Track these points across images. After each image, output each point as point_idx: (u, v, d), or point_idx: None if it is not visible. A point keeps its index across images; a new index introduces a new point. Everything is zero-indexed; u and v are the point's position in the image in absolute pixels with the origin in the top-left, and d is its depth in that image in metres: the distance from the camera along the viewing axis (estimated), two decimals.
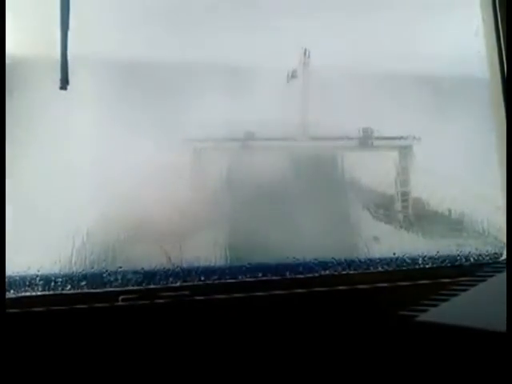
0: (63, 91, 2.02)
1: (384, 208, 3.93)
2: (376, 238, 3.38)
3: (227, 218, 3.12)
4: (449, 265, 2.11)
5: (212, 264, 2.16)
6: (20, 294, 1.90)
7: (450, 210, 3.49)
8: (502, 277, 1.39)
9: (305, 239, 3.32)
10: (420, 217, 3.68)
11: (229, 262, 2.30)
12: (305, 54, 4.18)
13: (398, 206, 3.91)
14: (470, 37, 2.15)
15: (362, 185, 3.96)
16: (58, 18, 1.98)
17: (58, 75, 2.00)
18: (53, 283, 1.97)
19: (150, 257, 2.26)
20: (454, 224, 3.11)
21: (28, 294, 1.93)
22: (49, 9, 2.04)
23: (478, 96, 2.29)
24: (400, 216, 3.76)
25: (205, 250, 2.54)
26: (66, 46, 1.97)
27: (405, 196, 3.97)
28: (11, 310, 1.75)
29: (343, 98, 3.04)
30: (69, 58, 1.99)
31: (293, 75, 4.22)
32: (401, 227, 3.65)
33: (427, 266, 2.11)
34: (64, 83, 1.99)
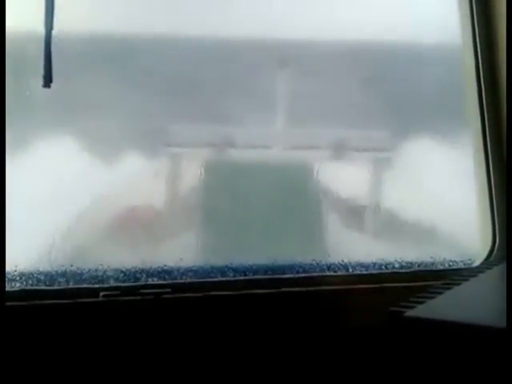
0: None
1: (358, 217, 3.99)
2: (350, 246, 3.43)
3: (207, 221, 3.14)
4: (424, 269, 2.16)
5: (194, 264, 2.18)
6: None
7: (423, 219, 3.55)
8: (481, 278, 1.45)
9: (281, 243, 3.35)
10: (394, 226, 3.74)
11: (209, 262, 2.32)
12: (283, 65, 4.23)
13: (372, 215, 3.97)
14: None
15: (337, 194, 4.01)
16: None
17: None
18: (32, 279, 1.97)
19: (131, 256, 2.27)
20: (427, 231, 3.18)
21: (7, 289, 1.92)
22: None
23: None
24: (374, 225, 3.82)
25: (186, 250, 2.55)
26: (49, 42, 1.94)
27: (378, 205, 4.04)
28: None
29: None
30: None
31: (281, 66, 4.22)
32: (375, 236, 3.71)
33: (402, 271, 2.16)
34: (47, 81, 1.96)
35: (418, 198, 3.24)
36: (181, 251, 2.60)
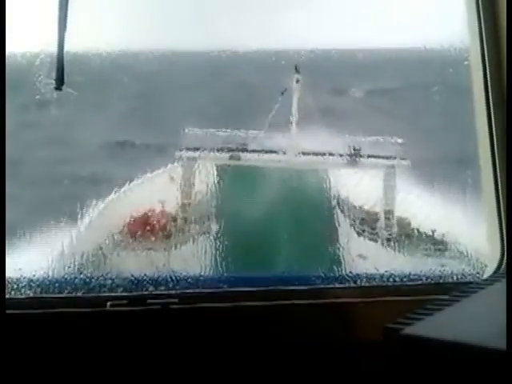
0: None
1: (369, 225, 3.98)
2: (361, 255, 3.43)
3: (215, 230, 3.16)
4: (432, 282, 2.14)
5: (200, 273, 2.19)
6: (8, 296, 1.92)
7: (433, 230, 3.54)
8: (484, 294, 1.43)
9: (290, 253, 3.36)
10: (404, 235, 3.73)
11: (217, 272, 2.33)
12: (296, 69, 4.25)
13: (383, 224, 3.96)
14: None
15: (348, 201, 4.01)
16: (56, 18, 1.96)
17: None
18: (42, 287, 1.99)
19: (139, 264, 2.29)
20: (437, 244, 3.16)
21: (16, 296, 1.94)
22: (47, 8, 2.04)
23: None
24: (384, 234, 3.82)
25: (194, 259, 2.57)
26: (62, 46, 1.95)
27: (389, 214, 4.03)
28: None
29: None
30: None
31: (283, 92, 4.30)
32: (385, 245, 3.70)
33: (410, 283, 2.14)
34: (59, 83, 1.98)
35: (428, 210, 3.23)
36: (189, 259, 2.63)
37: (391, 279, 2.15)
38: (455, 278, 2.17)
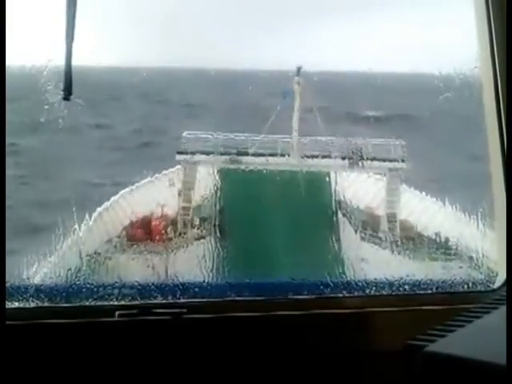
0: None
1: (372, 229, 3.96)
2: (364, 259, 3.41)
3: (217, 235, 3.14)
4: (441, 291, 2.12)
5: (207, 281, 2.16)
6: (16, 306, 1.89)
7: (439, 234, 3.52)
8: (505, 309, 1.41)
9: (293, 259, 3.34)
10: (409, 239, 3.71)
11: (219, 279, 2.31)
12: (298, 72, 4.23)
13: (387, 227, 3.93)
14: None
15: (351, 204, 3.99)
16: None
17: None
18: (49, 296, 1.96)
19: (145, 271, 2.26)
20: (444, 248, 3.14)
21: (23, 306, 1.92)
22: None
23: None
24: (389, 238, 3.80)
25: (199, 265, 2.54)
26: (70, 56, 1.94)
27: (393, 218, 4.00)
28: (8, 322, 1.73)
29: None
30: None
31: (284, 96, 4.29)
32: (389, 249, 3.68)
33: (421, 292, 2.12)
34: (67, 93, 1.97)
35: (437, 216, 3.21)
36: (195, 265, 2.60)
37: (401, 288, 2.12)
38: (466, 286, 2.14)
